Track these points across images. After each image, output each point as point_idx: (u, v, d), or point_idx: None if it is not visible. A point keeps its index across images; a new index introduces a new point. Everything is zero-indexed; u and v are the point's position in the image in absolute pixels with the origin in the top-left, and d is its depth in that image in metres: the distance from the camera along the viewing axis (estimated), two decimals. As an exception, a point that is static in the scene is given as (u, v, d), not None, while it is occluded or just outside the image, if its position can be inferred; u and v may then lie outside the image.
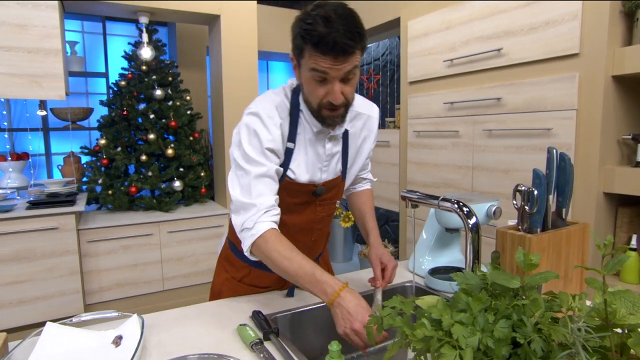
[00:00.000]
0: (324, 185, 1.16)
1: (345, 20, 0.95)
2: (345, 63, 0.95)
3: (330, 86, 0.99)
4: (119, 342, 0.96)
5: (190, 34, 3.95)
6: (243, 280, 1.28)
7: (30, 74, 2.52)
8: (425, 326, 0.51)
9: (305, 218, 1.17)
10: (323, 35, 0.92)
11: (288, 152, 1.10)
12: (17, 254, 2.47)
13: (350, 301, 0.90)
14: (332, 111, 1.03)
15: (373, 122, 1.25)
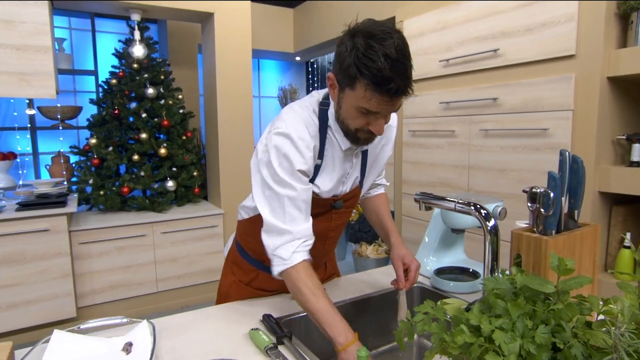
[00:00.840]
0: (344, 197, 1.15)
1: (406, 60, 0.91)
2: (397, 103, 0.94)
3: (374, 118, 0.96)
4: (129, 349, 0.94)
5: (181, 31, 3.90)
6: (251, 283, 1.27)
7: (19, 72, 2.46)
8: (464, 332, 0.51)
9: (320, 226, 1.13)
10: (387, 78, 0.88)
11: (315, 168, 1.08)
12: (7, 257, 2.41)
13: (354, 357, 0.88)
14: (370, 135, 1.02)
15: (392, 131, 1.23)
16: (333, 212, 1.16)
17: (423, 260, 1.43)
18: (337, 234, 1.23)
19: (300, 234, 1.00)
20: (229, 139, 3.25)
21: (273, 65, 5.14)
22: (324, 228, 1.16)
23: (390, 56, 0.87)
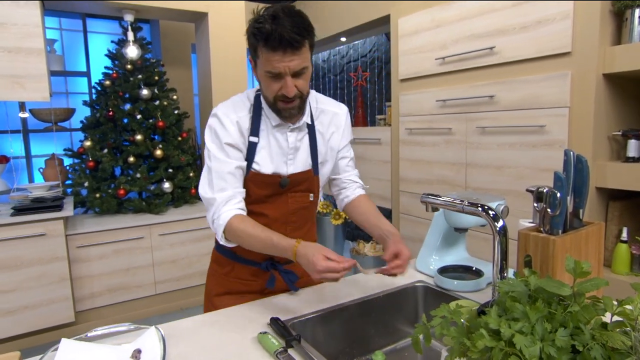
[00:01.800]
0: (291, 177, 1.22)
1: (292, 17, 1.03)
2: (294, 57, 1.04)
3: (283, 81, 1.07)
4: (138, 356, 0.94)
5: (174, 31, 3.87)
6: (230, 274, 1.33)
7: (11, 75, 2.42)
8: (484, 337, 0.52)
9: (278, 209, 1.24)
10: (271, 32, 1.00)
11: (252, 145, 1.19)
12: (3, 263, 2.38)
13: (307, 251, 1.02)
14: (286, 103, 1.12)
15: (340, 119, 1.31)
16: (288, 195, 1.23)
17: (426, 259, 1.44)
18: (299, 219, 1.28)
19: (222, 197, 1.13)
20: (225, 139, 3.23)
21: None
22: (283, 212, 1.25)
23: (273, 14, 1.02)
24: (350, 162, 1.38)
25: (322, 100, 1.30)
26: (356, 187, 1.39)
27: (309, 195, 1.27)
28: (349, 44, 4.21)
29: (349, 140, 1.36)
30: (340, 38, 3.85)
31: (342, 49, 4.34)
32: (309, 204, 1.28)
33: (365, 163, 3.34)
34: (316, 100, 1.29)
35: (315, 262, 0.98)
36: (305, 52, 1.06)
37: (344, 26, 3.52)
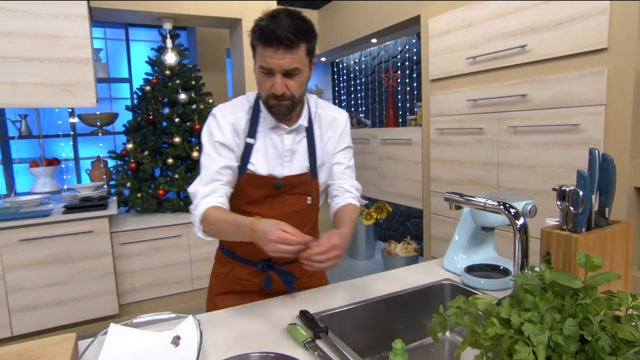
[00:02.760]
0: (287, 179, 1.24)
1: (292, 18, 1.07)
2: (286, 56, 1.06)
3: (273, 78, 1.10)
4: (177, 342, 1.01)
5: (210, 37, 4.01)
6: (229, 274, 1.36)
7: (63, 83, 2.61)
8: (495, 325, 0.55)
9: (273, 211, 1.23)
10: (266, 28, 1.05)
11: (248, 147, 1.22)
12: (56, 257, 2.56)
13: (262, 226, 1.00)
14: (277, 101, 1.14)
15: (338, 124, 1.31)
16: (285, 197, 1.25)
17: (453, 257, 1.46)
18: (295, 222, 1.12)
19: (206, 191, 1.16)
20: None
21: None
22: (278, 214, 1.22)
23: (274, 14, 1.07)
24: (346, 169, 1.33)
25: (322, 105, 1.32)
26: (348, 196, 1.32)
27: (307, 199, 1.28)
28: (379, 45, 4.23)
29: (346, 146, 1.34)
30: (371, 39, 3.87)
31: (373, 50, 4.36)
32: (305, 207, 1.28)
33: (396, 163, 3.35)
34: (316, 105, 1.30)
35: (269, 232, 0.97)
36: (300, 53, 1.08)
37: (374, 27, 3.55)
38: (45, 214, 2.57)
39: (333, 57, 4.92)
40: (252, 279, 1.34)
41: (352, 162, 1.37)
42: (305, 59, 1.11)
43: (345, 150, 1.34)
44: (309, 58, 1.14)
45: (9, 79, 2.50)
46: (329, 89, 5.29)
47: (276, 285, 1.32)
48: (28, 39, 2.52)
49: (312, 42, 1.12)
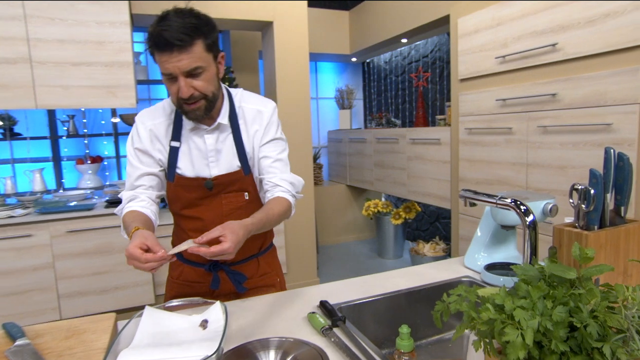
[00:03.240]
0: (217, 179, 1.22)
1: (182, 17, 1.03)
2: (182, 57, 1.03)
3: (178, 82, 1.06)
4: (205, 325, 1.09)
5: (243, 39, 4.14)
6: (179, 278, 1.35)
7: (106, 85, 2.79)
8: (489, 310, 0.59)
9: (212, 212, 1.23)
10: (156, 33, 1.02)
11: (174, 150, 1.21)
12: (99, 248, 2.74)
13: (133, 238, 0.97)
14: (189, 105, 1.11)
15: (262, 116, 1.26)
16: (222, 196, 1.23)
17: (474, 255, 1.48)
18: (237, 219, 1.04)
19: (127, 196, 1.21)
20: (289, 140, 3.41)
21: (330, 67, 5.28)
22: (218, 214, 1.23)
23: (163, 15, 1.04)
24: (275, 163, 1.25)
25: (246, 98, 1.27)
26: (278, 189, 1.23)
27: (244, 195, 1.26)
28: (410, 45, 4.23)
29: (272, 138, 1.27)
30: (401, 39, 3.88)
31: (404, 49, 4.36)
32: (244, 203, 1.26)
33: (425, 163, 3.35)
34: (240, 99, 1.26)
35: (127, 247, 0.93)
36: (196, 51, 1.04)
37: (404, 27, 3.56)
38: (89, 207, 2.76)
39: (364, 57, 4.95)
40: (201, 280, 1.32)
41: (282, 154, 1.28)
42: (205, 54, 1.07)
43: (273, 143, 1.27)
44: (212, 53, 1.10)
45: (61, 82, 2.70)
46: (359, 88, 5.32)
47: (227, 286, 1.31)
48: (77, 45, 2.71)
49: (210, 37, 1.08)
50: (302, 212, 3.44)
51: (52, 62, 2.68)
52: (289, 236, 3.43)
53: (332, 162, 5.20)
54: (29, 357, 0.89)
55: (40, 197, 3.00)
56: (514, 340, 0.54)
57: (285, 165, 1.27)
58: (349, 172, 4.73)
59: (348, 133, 4.66)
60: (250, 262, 1.36)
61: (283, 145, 1.31)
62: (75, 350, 0.93)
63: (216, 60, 1.14)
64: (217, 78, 1.16)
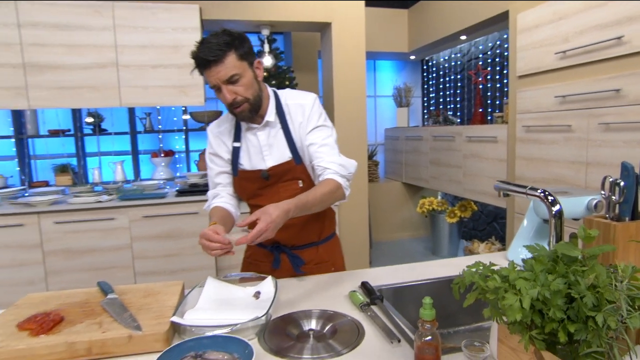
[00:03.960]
0: (271, 170, 1.38)
1: (215, 37, 1.21)
2: (220, 68, 1.20)
3: (222, 91, 1.24)
4: (258, 296, 1.24)
5: (303, 40, 4.31)
6: (250, 257, 1.58)
7: (179, 85, 3.08)
8: (496, 280, 0.67)
9: (271, 199, 1.30)
10: (196, 55, 1.22)
11: (236, 150, 1.42)
12: (169, 233, 3.04)
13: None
14: (236, 108, 1.29)
15: (305, 108, 1.38)
16: (279, 185, 1.40)
17: (516, 249, 1.50)
18: None
19: (211, 194, 1.48)
20: (344, 138, 3.53)
21: (388, 66, 5.32)
22: (275, 201, 1.29)
23: (200, 42, 1.24)
24: (321, 148, 1.35)
25: (290, 95, 1.41)
26: (328, 172, 1.32)
27: (298, 183, 1.40)
28: (470, 42, 4.16)
29: (316, 126, 1.37)
30: (460, 36, 3.84)
31: (463, 47, 4.31)
32: (299, 190, 1.37)
33: (481, 161, 3.32)
34: (286, 97, 1.41)
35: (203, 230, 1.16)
36: (230, 62, 1.21)
37: (463, 24, 3.53)
38: (162, 196, 3.06)
39: (422, 55, 4.94)
40: (265, 260, 1.51)
41: (328, 139, 1.37)
42: (239, 63, 1.23)
43: (317, 130, 1.37)
44: (246, 61, 1.25)
45: (141, 82, 3.02)
46: (418, 86, 5.31)
47: (286, 267, 1.46)
48: (155, 50, 3.02)
49: (241, 48, 1.23)
50: (356, 207, 3.54)
51: (134, 65, 3.01)
52: (343, 230, 3.55)
53: (388, 159, 5.25)
54: (117, 307, 1.08)
55: (121, 185, 3.38)
56: (513, 304, 0.62)
57: (331, 149, 1.36)
58: (404, 169, 4.75)
59: (405, 131, 4.68)
60: (310, 248, 1.51)
61: (328, 132, 1.39)
62: (151, 306, 1.12)
63: (252, 66, 1.29)
64: (256, 82, 1.31)
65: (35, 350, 0.92)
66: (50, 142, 3.79)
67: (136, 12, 2.98)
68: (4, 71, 2.85)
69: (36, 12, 2.85)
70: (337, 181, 1.31)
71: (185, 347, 0.93)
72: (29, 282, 2.83)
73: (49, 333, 0.98)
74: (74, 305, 1.14)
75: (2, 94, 2.88)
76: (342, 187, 1.32)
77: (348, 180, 1.35)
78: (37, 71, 2.90)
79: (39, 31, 2.87)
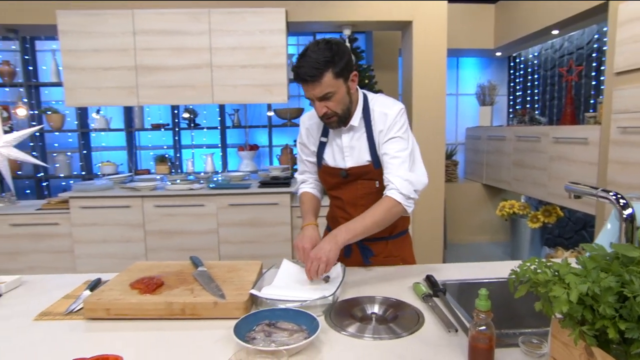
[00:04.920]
0: (350, 170, 1.48)
1: (316, 51, 1.27)
2: (315, 87, 1.29)
3: (315, 104, 1.35)
4: (327, 280, 1.35)
5: (385, 39, 4.35)
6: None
7: (265, 84, 3.30)
8: (547, 273, 0.70)
9: (349, 194, 1.52)
10: (295, 70, 1.31)
11: (322, 144, 1.54)
12: (251, 221, 3.28)
13: (301, 233, 1.42)
14: (326, 119, 1.40)
15: (387, 118, 1.42)
16: (358, 182, 1.49)
17: (595, 256, 1.44)
18: (367, 202, 1.43)
19: (300, 179, 1.67)
20: (422, 136, 3.52)
21: (472, 63, 5.14)
22: (353, 195, 1.52)
23: (304, 51, 1.30)
24: (392, 160, 1.38)
25: (378, 102, 1.47)
26: (389, 187, 1.37)
27: (375, 183, 1.48)
28: (564, 36, 3.89)
29: (393, 137, 1.40)
30: (552, 31, 3.62)
31: (555, 42, 4.04)
32: (375, 190, 1.48)
33: (569, 164, 3.11)
34: (373, 103, 1.47)
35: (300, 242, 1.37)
36: (327, 81, 1.28)
37: (555, 18, 3.33)
38: (246, 186, 3.32)
39: (510, 52, 4.71)
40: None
41: (401, 153, 1.39)
42: (334, 81, 1.30)
43: (393, 141, 1.40)
44: (341, 78, 1.32)
45: (231, 82, 3.30)
46: (503, 84, 5.07)
47: (357, 257, 1.56)
48: (244, 51, 3.27)
49: (339, 65, 1.29)
50: (431, 207, 3.52)
51: (226, 65, 3.29)
52: (416, 228, 3.55)
53: (468, 159, 5.09)
54: (206, 278, 1.26)
55: (210, 175, 3.71)
56: (560, 295, 0.65)
57: (402, 163, 1.38)
58: (485, 170, 4.58)
59: (487, 130, 4.51)
60: (380, 242, 1.58)
61: (403, 144, 1.40)
62: (234, 280, 1.28)
63: (347, 81, 1.36)
64: (348, 95, 1.39)
65: (143, 305, 1.12)
66: (152, 135, 4.28)
67: (228, 17, 3.25)
68: (120, 73, 3.29)
69: (148, 20, 3.24)
70: (395, 199, 1.35)
71: (260, 315, 1.07)
72: (134, 257, 3.24)
73: (153, 293, 1.17)
74: (171, 274, 1.34)
75: (118, 93, 3.32)
76: (401, 205, 1.35)
77: (410, 197, 1.37)
78: (146, 72, 3.29)
79: (149, 37, 3.26)
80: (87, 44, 3.25)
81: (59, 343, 1.03)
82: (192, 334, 1.05)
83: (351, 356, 0.94)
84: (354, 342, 1.00)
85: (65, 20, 3.22)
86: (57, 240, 3.27)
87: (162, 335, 1.05)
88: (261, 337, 0.97)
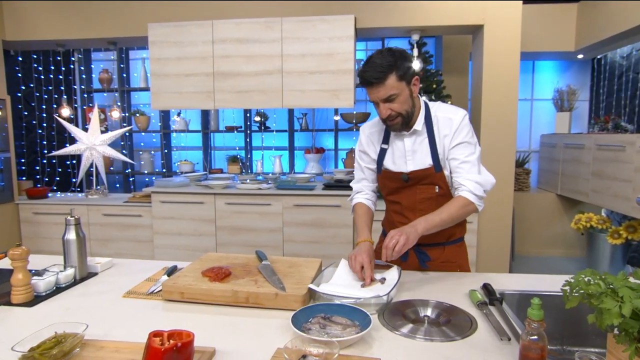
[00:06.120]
0: (411, 173, 1.51)
1: (380, 57, 1.35)
2: (380, 89, 1.36)
3: (379, 107, 1.41)
4: (383, 282, 1.39)
5: (455, 43, 4.27)
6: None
7: (332, 89, 3.40)
8: (600, 285, 0.70)
9: (408, 199, 1.56)
10: (361, 74, 1.38)
11: (382, 151, 1.58)
12: (315, 222, 3.39)
13: (358, 248, 1.45)
14: (389, 122, 1.44)
15: (452, 123, 1.48)
16: (417, 186, 1.53)
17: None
18: (426, 207, 1.51)
19: (356, 188, 1.68)
20: (490, 143, 3.41)
21: (550, 66, 4.86)
22: (412, 200, 1.55)
23: (369, 59, 1.38)
24: (462, 164, 1.46)
25: (441, 108, 1.52)
26: (462, 189, 1.46)
27: (435, 188, 1.52)
28: (659, 36, 3.56)
29: (461, 142, 1.47)
30: (644, 31, 3.33)
31: (649, 42, 3.70)
32: (434, 195, 1.52)
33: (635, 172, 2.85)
34: (436, 109, 1.52)
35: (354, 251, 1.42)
36: (391, 82, 1.35)
37: (647, 18, 3.06)
38: (311, 188, 3.43)
39: (594, 53, 4.39)
40: None
41: (470, 157, 1.47)
42: (398, 83, 1.36)
43: (461, 146, 1.47)
44: (404, 80, 1.38)
45: (300, 87, 3.44)
46: (585, 88, 4.73)
47: (414, 261, 1.60)
48: (313, 58, 3.40)
49: (402, 69, 1.36)
50: (498, 216, 3.39)
51: (295, 72, 3.44)
52: (481, 237, 3.44)
53: (542, 168, 4.81)
54: (269, 271, 1.37)
55: (278, 176, 3.88)
56: (612, 308, 0.65)
57: (472, 166, 1.47)
58: (560, 180, 4.31)
59: (563, 138, 4.24)
60: (437, 247, 1.61)
61: (471, 149, 1.48)
62: (294, 274, 1.37)
63: (410, 84, 1.42)
64: (410, 98, 1.44)
65: (212, 292, 1.24)
66: (226, 137, 4.56)
67: (299, 25, 3.39)
68: (199, 79, 3.56)
69: (226, 30, 3.48)
70: (469, 199, 1.44)
71: (317, 308, 1.15)
72: (205, 250, 3.48)
73: (222, 282, 1.29)
74: (238, 265, 1.46)
75: (197, 97, 3.60)
76: (474, 204, 1.45)
77: (481, 198, 1.47)
78: (223, 78, 3.54)
79: (226, 45, 3.49)
80: (172, 53, 3.56)
81: (141, 317, 1.18)
82: (253, 321, 1.15)
83: (401, 354, 0.98)
84: (405, 341, 1.04)
85: (155, 32, 3.56)
86: (140, 230, 3.62)
87: (228, 319, 1.16)
88: (316, 329, 1.04)
